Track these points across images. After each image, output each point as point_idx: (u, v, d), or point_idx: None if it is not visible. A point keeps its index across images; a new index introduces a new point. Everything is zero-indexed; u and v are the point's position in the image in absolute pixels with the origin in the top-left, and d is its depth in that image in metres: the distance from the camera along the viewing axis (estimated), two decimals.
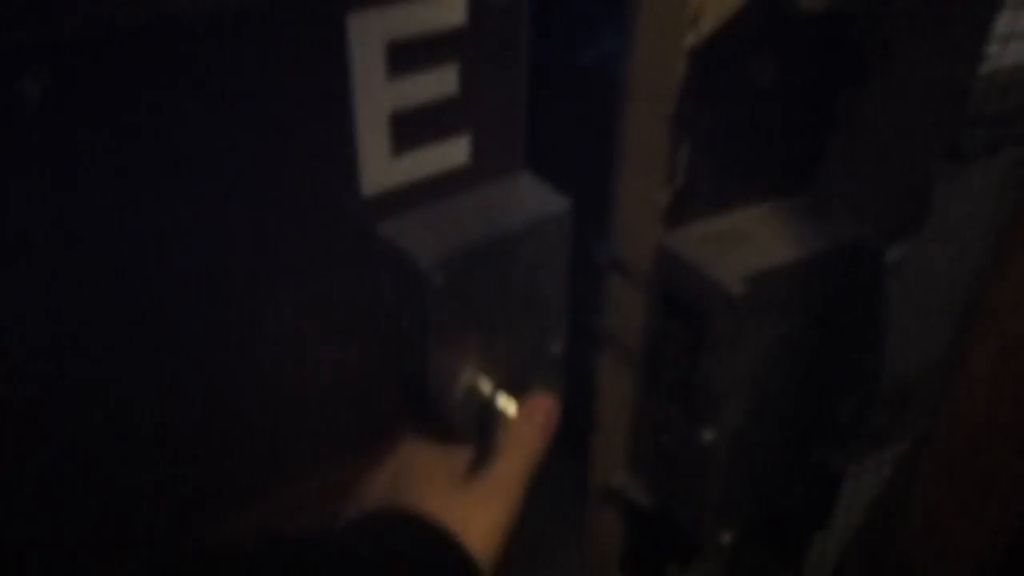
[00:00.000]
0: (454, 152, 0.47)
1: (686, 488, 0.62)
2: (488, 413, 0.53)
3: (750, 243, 0.55)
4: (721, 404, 0.56)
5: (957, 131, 0.69)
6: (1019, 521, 0.35)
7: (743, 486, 0.63)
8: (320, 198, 0.44)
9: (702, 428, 0.57)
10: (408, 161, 0.46)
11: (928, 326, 0.68)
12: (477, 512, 0.47)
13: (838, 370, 0.62)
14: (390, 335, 0.50)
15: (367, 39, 0.41)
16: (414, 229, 0.47)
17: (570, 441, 0.58)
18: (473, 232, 0.48)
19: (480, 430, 0.53)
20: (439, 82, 0.45)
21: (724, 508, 0.63)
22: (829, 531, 0.75)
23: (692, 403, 0.57)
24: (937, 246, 0.69)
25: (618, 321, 0.60)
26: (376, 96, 0.43)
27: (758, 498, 0.66)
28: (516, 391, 0.53)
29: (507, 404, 0.52)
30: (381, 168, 0.45)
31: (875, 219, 0.61)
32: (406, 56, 0.43)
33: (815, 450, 0.67)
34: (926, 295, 0.69)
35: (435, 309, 0.47)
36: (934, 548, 0.40)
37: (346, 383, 0.50)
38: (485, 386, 0.53)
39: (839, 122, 0.57)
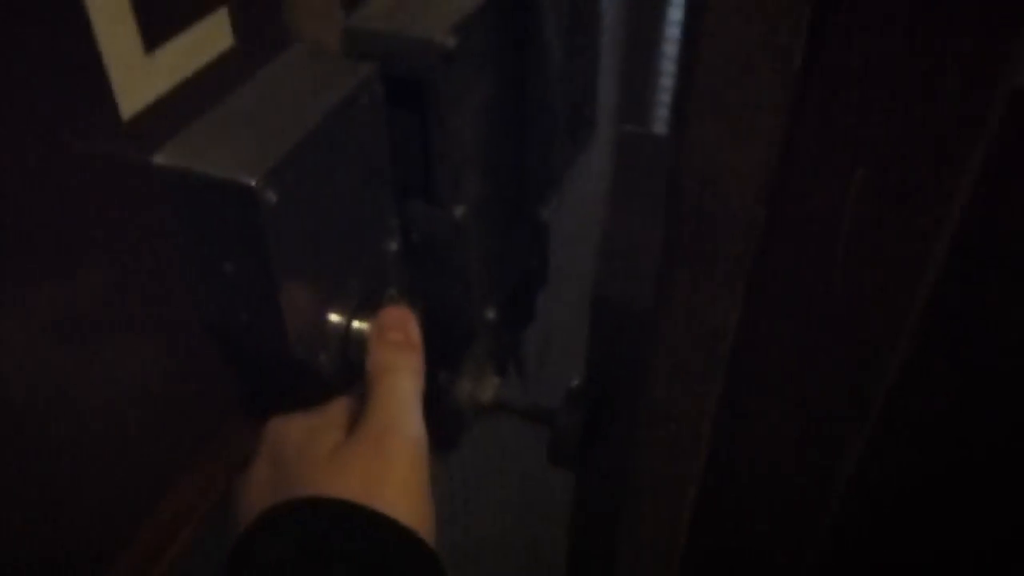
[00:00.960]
0: (215, 34, 0.37)
1: (446, 277, 0.61)
2: (349, 344, 0.45)
3: (431, 3, 0.53)
4: (461, 173, 0.55)
5: None
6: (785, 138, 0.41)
7: (489, 257, 0.64)
8: (59, 137, 0.32)
9: (452, 207, 0.56)
10: (166, 57, 0.35)
11: None
12: (378, 469, 0.40)
13: (531, 114, 0.64)
14: (205, 297, 0.41)
15: None
16: (206, 146, 0.38)
17: None
18: (283, 129, 0.39)
19: (347, 367, 0.46)
20: None
21: (482, 284, 0.64)
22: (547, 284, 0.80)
23: (434, 185, 0.55)
24: None
25: None
26: None
27: (500, 266, 0.68)
28: (365, 309, 0.46)
29: (364, 327, 0.45)
30: (136, 74, 0.34)
31: None
32: None
33: (527, 202, 0.70)
34: None
35: (274, 235, 0.38)
36: (713, 193, 0.44)
37: (160, 379, 0.41)
38: (336, 314, 0.45)
39: None
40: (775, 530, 0.56)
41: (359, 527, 0.38)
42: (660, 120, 1.41)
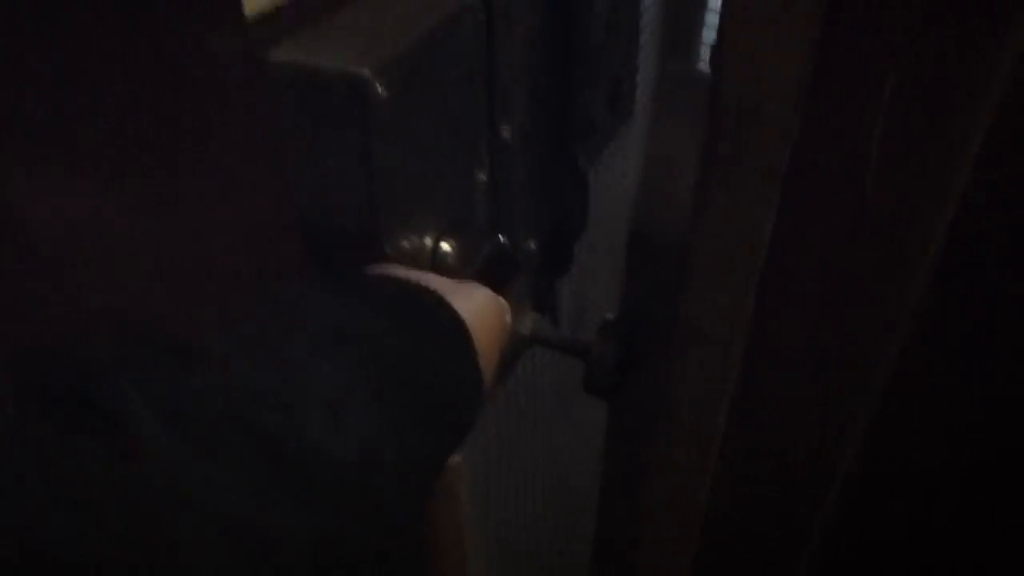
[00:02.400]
0: None
1: (493, 201, 0.63)
2: (436, 263, 0.47)
3: None
4: (510, 95, 0.58)
5: None
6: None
7: (531, 190, 0.67)
8: (192, 27, 0.34)
9: (500, 126, 0.59)
10: None
11: None
12: (458, 288, 0.39)
13: (575, 63, 0.67)
14: (307, 194, 0.43)
15: None
16: (323, 45, 0.40)
17: None
18: (394, 37, 0.41)
19: None
20: None
21: (525, 214, 0.67)
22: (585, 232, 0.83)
23: (492, 106, 0.58)
24: None
25: None
26: None
27: (542, 203, 0.71)
28: (452, 234, 0.48)
29: (450, 248, 0.47)
30: None
31: None
32: None
33: (569, 146, 0.73)
34: None
35: (380, 131, 0.40)
36: (750, 98, 0.47)
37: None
38: (428, 230, 0.47)
39: None
40: (805, 453, 0.58)
41: (400, 286, 0.37)
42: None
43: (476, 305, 0.40)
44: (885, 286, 0.52)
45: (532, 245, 0.69)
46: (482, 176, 0.57)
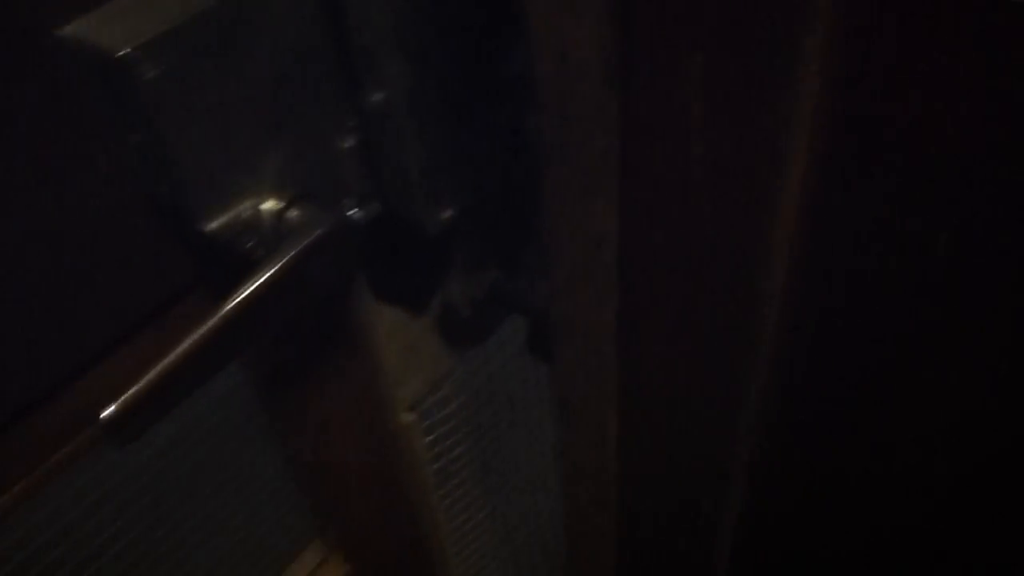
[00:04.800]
0: None
1: (385, 172, 0.61)
2: (285, 233, 0.48)
3: None
4: (376, 57, 0.55)
5: None
6: None
7: (444, 157, 0.63)
8: None
9: (370, 93, 0.56)
10: None
11: None
12: None
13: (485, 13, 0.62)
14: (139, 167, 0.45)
15: None
16: (113, 21, 0.40)
17: None
18: (179, 7, 0.41)
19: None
20: None
21: (433, 181, 0.63)
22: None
23: (352, 70, 0.56)
24: None
25: None
26: None
27: (467, 171, 0.66)
28: (305, 199, 0.48)
29: (296, 215, 0.47)
30: None
31: None
32: None
33: (505, 111, 0.68)
34: None
35: (159, 108, 0.40)
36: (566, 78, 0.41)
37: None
38: (271, 199, 0.47)
39: None
40: (694, 438, 0.53)
41: None
42: None
43: None
44: (738, 275, 0.45)
45: (446, 213, 0.65)
46: (348, 143, 0.55)
